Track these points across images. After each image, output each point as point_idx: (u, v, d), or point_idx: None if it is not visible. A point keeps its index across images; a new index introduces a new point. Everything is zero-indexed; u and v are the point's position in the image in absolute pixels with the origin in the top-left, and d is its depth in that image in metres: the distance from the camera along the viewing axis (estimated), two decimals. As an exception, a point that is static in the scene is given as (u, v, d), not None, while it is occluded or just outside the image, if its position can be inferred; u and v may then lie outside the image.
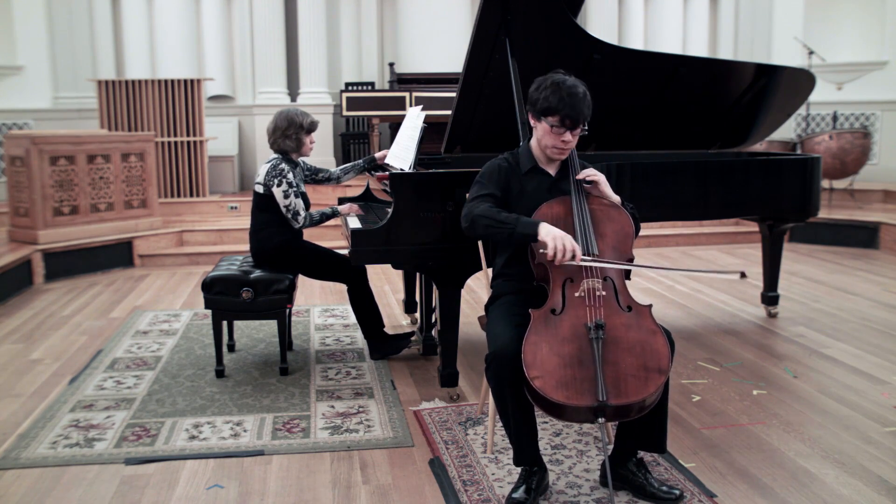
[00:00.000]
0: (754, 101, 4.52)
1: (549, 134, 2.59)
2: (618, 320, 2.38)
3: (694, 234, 7.35)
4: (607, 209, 2.61)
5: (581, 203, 2.57)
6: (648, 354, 2.33)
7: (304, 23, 8.81)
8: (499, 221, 2.51)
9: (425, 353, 4.06)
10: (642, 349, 2.33)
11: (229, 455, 2.92)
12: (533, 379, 2.27)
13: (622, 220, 2.60)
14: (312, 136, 3.91)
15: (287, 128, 3.82)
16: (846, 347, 4.15)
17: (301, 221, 3.81)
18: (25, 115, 8.25)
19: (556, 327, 2.37)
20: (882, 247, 6.83)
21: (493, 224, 2.52)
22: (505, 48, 3.55)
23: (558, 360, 2.30)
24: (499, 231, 2.52)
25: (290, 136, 3.83)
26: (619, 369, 2.29)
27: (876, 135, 8.60)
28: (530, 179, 2.69)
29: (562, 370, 2.28)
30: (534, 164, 2.70)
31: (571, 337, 2.34)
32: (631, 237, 2.58)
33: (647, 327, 2.39)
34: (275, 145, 3.87)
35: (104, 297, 5.47)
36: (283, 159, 3.83)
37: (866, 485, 2.65)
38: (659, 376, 2.30)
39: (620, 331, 2.36)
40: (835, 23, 8.93)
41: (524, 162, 2.72)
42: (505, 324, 2.49)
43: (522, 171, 2.70)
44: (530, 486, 2.49)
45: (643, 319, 2.41)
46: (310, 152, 3.93)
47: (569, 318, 2.38)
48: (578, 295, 2.42)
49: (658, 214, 4.12)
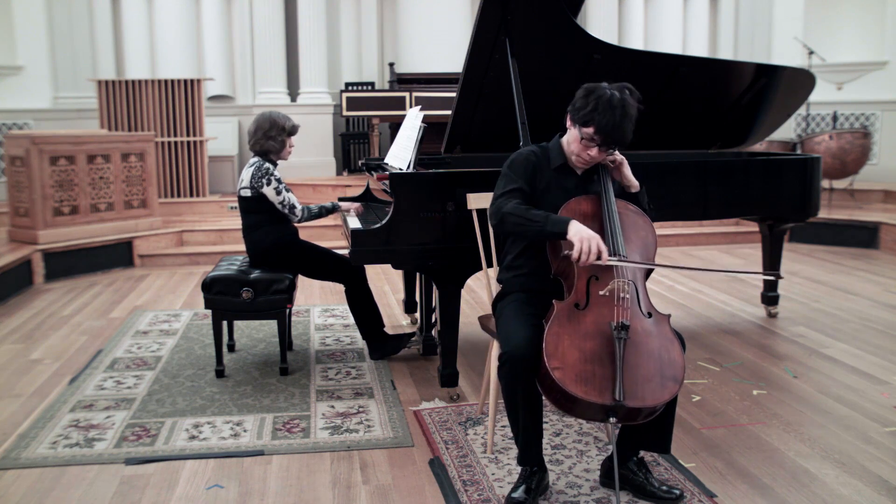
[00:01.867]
0: (754, 101, 4.52)
1: (579, 144, 2.56)
2: (639, 325, 2.39)
3: (694, 234, 7.35)
4: (634, 215, 2.60)
5: (611, 204, 2.55)
6: (666, 363, 2.34)
7: (304, 23, 8.81)
8: (529, 220, 2.49)
9: (425, 353, 4.06)
10: (660, 356, 2.34)
11: (229, 455, 2.92)
12: (553, 370, 2.26)
13: (647, 229, 2.59)
14: (292, 139, 3.91)
15: (270, 129, 3.81)
16: (846, 347, 4.15)
17: (299, 214, 3.80)
18: (25, 115, 8.25)
19: (578, 322, 2.37)
20: (882, 247, 6.83)
21: (522, 222, 2.50)
22: (505, 48, 3.55)
23: (579, 354, 2.30)
24: (528, 229, 2.50)
25: (273, 137, 3.81)
26: (638, 373, 2.29)
27: (876, 135, 8.60)
28: (558, 176, 2.66)
29: (582, 364, 2.28)
30: (563, 160, 2.67)
31: (594, 334, 2.34)
32: (654, 247, 2.58)
33: (666, 335, 2.40)
34: (256, 146, 3.84)
35: (104, 297, 5.47)
36: (264, 160, 3.82)
37: (866, 485, 2.65)
38: (674, 385, 2.31)
39: (641, 335, 2.36)
40: (835, 23, 8.93)
41: (554, 157, 2.68)
42: (519, 323, 2.48)
43: (552, 166, 2.67)
44: (530, 485, 2.49)
45: (662, 327, 2.42)
46: (289, 156, 3.93)
47: (592, 315, 2.38)
48: (603, 294, 2.42)
49: (658, 214, 4.10)
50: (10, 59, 8.17)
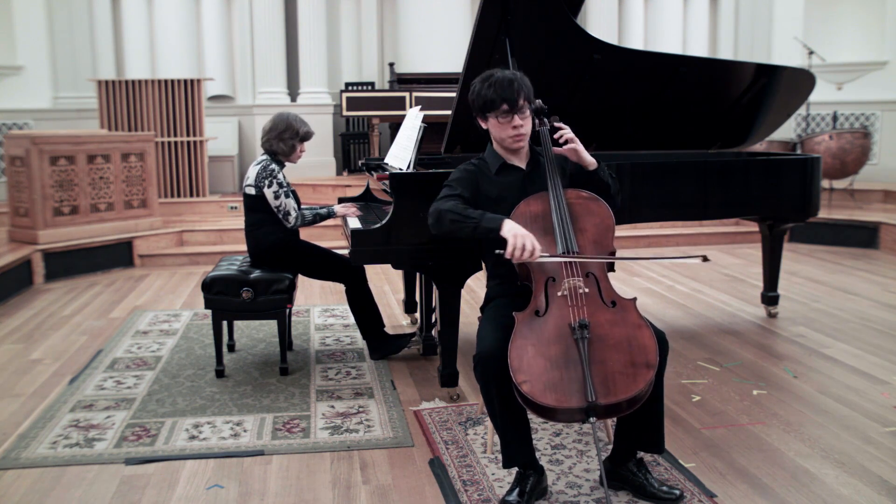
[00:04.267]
0: (754, 101, 4.52)
1: (498, 127, 2.62)
2: (602, 317, 2.36)
3: (694, 234, 7.34)
4: (586, 202, 2.58)
5: (559, 198, 2.54)
6: (635, 349, 2.30)
7: (304, 23, 8.82)
8: (464, 216, 2.51)
9: (425, 353, 4.06)
10: (629, 345, 2.31)
11: (229, 455, 2.92)
12: (521, 384, 2.24)
13: (602, 213, 2.57)
14: (304, 145, 3.92)
15: (284, 131, 3.82)
16: (846, 347, 4.15)
17: (293, 221, 3.81)
18: (25, 115, 8.26)
19: (540, 329, 2.35)
20: (882, 247, 6.83)
21: (459, 219, 2.52)
22: (505, 48, 3.55)
23: (545, 362, 2.28)
24: (464, 225, 2.51)
25: (284, 140, 3.82)
26: (606, 367, 2.26)
27: (876, 135, 8.60)
28: (502, 178, 2.69)
29: (549, 373, 2.26)
30: (501, 161, 2.70)
31: (557, 338, 2.32)
32: (611, 229, 2.56)
33: (632, 322, 2.37)
34: (267, 144, 3.86)
35: (104, 297, 5.47)
36: (272, 160, 3.83)
37: (866, 485, 2.65)
38: (647, 370, 2.27)
39: (605, 328, 2.34)
40: (835, 23, 8.93)
41: (492, 162, 2.71)
42: (492, 326, 2.50)
43: (493, 171, 2.70)
44: (524, 489, 2.46)
45: (628, 314, 2.39)
46: (298, 160, 3.94)
47: (553, 319, 2.36)
48: (561, 294, 2.40)
49: (658, 214, 4.12)
50: (10, 59, 8.17)
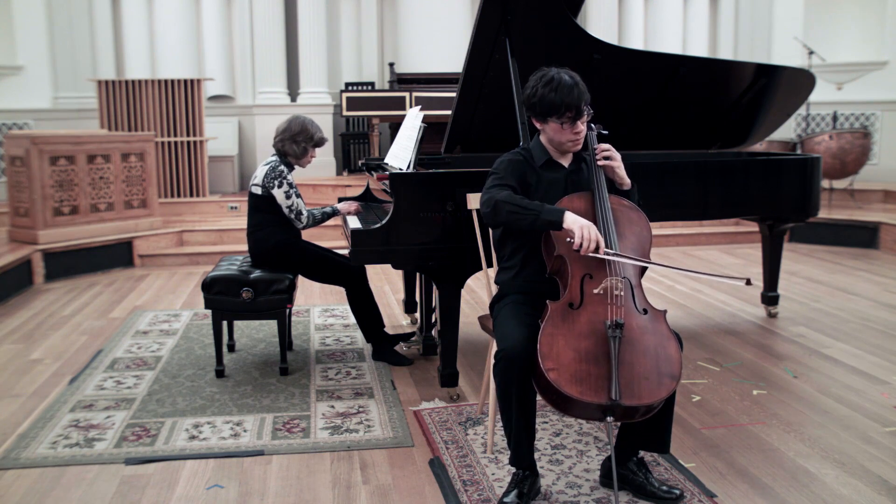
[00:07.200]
0: (754, 101, 4.52)
1: (560, 131, 2.58)
2: (634, 322, 2.38)
3: (694, 234, 7.35)
4: (627, 210, 2.59)
5: (604, 200, 2.55)
6: (662, 359, 2.33)
7: (304, 23, 8.81)
8: (523, 207, 2.47)
9: (425, 353, 4.06)
10: (656, 353, 2.34)
11: (229, 455, 2.92)
12: (548, 371, 2.26)
13: (642, 224, 2.58)
14: (316, 151, 3.93)
15: (298, 133, 3.83)
16: (846, 347, 4.15)
17: (304, 221, 3.83)
18: (25, 115, 8.25)
19: (573, 322, 2.36)
20: (882, 247, 6.83)
21: (518, 210, 2.47)
22: (505, 48, 3.55)
23: (574, 354, 2.30)
24: (523, 217, 2.47)
25: (298, 143, 3.83)
26: (633, 371, 2.29)
27: (876, 135, 8.60)
28: (546, 173, 2.68)
29: (577, 364, 2.28)
30: (547, 157, 2.68)
31: (588, 333, 2.34)
32: (649, 242, 2.56)
33: (662, 332, 2.40)
34: (280, 144, 3.87)
35: (104, 297, 5.47)
36: (281, 161, 3.83)
37: (866, 485, 2.65)
38: (671, 382, 2.31)
39: (637, 333, 2.36)
40: (835, 23, 8.92)
41: (538, 156, 2.69)
42: (515, 322, 2.47)
43: (538, 164, 2.68)
44: (522, 490, 2.47)
45: (659, 324, 2.41)
46: (307, 165, 3.95)
47: (587, 314, 2.38)
48: (597, 292, 2.41)
49: (658, 214, 4.10)
50: (10, 59, 8.17)
